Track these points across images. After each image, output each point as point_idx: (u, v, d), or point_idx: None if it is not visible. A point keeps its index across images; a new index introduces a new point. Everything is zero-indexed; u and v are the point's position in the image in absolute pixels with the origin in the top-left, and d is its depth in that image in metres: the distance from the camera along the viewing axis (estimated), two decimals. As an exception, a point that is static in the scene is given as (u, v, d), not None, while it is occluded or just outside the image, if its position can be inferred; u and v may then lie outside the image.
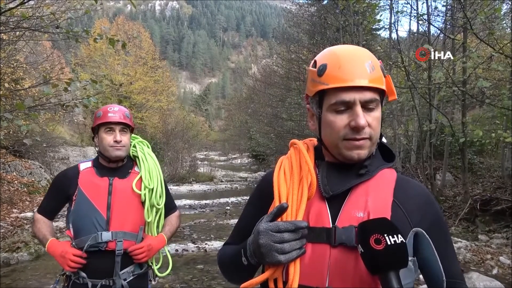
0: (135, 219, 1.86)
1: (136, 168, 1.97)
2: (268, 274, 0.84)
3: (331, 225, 0.86)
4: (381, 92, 0.90)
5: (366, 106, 0.87)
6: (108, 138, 1.85)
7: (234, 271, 1.01)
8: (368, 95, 0.86)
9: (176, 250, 6.12)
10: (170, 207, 2.05)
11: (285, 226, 0.80)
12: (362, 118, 0.85)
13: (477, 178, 9.28)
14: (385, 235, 0.74)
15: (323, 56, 0.93)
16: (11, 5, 4.15)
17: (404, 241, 0.75)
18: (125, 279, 1.79)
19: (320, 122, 0.94)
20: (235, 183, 16.50)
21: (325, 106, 0.90)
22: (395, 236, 0.74)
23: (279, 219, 0.85)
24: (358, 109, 0.85)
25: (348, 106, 0.87)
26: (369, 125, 0.87)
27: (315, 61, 0.94)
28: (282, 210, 0.83)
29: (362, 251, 0.76)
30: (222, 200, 11.50)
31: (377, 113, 0.89)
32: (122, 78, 20.55)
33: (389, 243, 0.73)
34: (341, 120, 0.87)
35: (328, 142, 0.93)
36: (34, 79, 8.95)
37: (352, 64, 0.86)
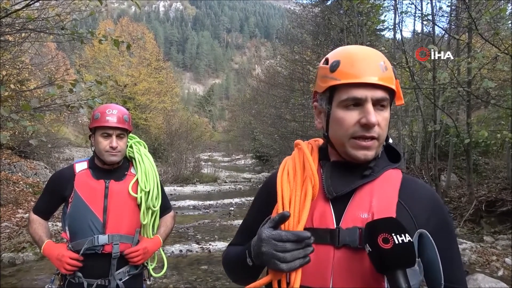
0: (131, 221, 1.87)
1: (132, 170, 1.96)
2: (271, 276, 0.85)
3: (335, 226, 0.86)
4: (391, 93, 0.90)
5: (377, 104, 0.87)
6: (104, 143, 1.83)
7: (240, 271, 1.01)
8: (379, 94, 0.86)
9: (180, 250, 6.14)
10: (165, 208, 2.05)
11: (287, 236, 0.79)
12: (374, 115, 0.84)
13: (482, 179, 9.20)
14: (393, 234, 0.74)
15: (337, 53, 0.93)
16: (17, 7, 4.17)
17: (411, 240, 0.75)
18: (120, 279, 1.81)
19: (328, 119, 0.93)
20: (239, 184, 16.51)
21: (335, 102, 0.89)
22: (402, 235, 0.74)
23: (282, 226, 0.84)
24: (370, 106, 0.85)
25: (359, 103, 0.86)
26: (378, 124, 0.86)
27: (326, 59, 0.93)
28: (283, 218, 0.83)
29: (370, 250, 0.76)
30: (226, 201, 11.50)
31: (386, 113, 0.89)
32: (126, 79, 20.63)
33: (397, 242, 0.73)
34: (351, 117, 0.87)
35: (335, 140, 0.92)
36: (40, 80, 9.02)
37: (366, 62, 0.86)
